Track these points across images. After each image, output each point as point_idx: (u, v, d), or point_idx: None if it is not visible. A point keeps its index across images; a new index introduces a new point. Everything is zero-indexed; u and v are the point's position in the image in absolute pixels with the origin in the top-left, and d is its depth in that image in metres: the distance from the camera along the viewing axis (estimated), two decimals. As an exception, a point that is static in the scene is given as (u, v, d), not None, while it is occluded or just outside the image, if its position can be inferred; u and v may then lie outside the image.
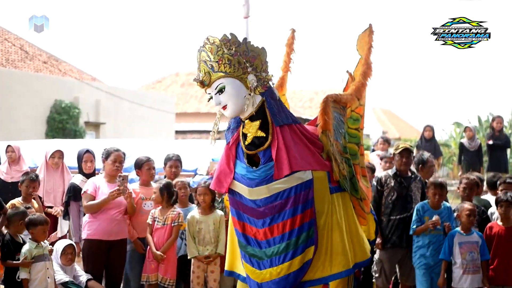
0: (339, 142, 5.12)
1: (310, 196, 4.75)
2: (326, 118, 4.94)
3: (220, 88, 4.71)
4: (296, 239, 4.73)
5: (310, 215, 4.75)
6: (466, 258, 6.57)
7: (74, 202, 7.32)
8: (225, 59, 4.67)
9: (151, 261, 6.86)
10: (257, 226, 4.82)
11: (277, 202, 4.73)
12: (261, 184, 4.73)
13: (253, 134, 4.78)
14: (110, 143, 8.13)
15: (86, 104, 23.61)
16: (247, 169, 4.80)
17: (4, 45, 24.37)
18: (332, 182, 4.89)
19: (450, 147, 27.27)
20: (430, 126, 13.93)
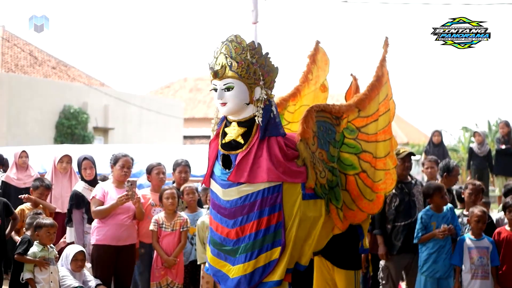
0: (325, 151, 5.32)
1: (278, 200, 4.99)
2: (305, 126, 5.14)
3: (228, 86, 4.96)
4: (262, 240, 4.99)
5: (278, 218, 5.00)
6: (475, 263, 6.55)
7: (77, 210, 7.30)
8: (246, 64, 4.93)
9: (159, 268, 6.86)
10: (229, 226, 5.09)
11: (246, 204, 5.00)
12: (232, 186, 5.03)
13: (234, 137, 5.05)
14: (118, 149, 8.14)
15: (95, 109, 23.70)
16: (221, 171, 5.09)
17: (13, 51, 24.49)
18: (306, 188, 5.08)
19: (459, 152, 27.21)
20: (439, 131, 13.90)
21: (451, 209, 6.90)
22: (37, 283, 6.07)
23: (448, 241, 6.76)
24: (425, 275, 6.77)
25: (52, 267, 6.17)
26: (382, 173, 5.70)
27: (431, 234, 6.72)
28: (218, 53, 5.00)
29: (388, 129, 5.82)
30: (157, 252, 6.88)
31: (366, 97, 5.66)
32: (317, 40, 6.51)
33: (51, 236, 6.25)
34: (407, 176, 7.24)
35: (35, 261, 6.12)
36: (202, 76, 36.64)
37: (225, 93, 4.97)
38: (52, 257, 6.21)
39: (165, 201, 6.88)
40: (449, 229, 6.68)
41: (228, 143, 5.06)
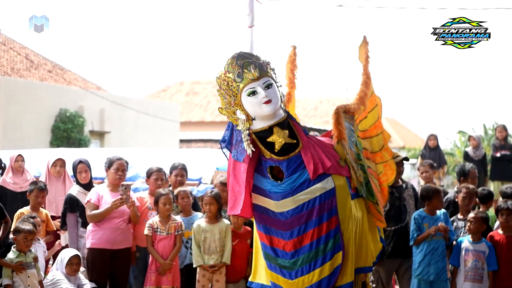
0: (353, 150, 5.29)
1: (334, 204, 4.94)
2: (340, 128, 5.13)
3: (268, 84, 4.87)
4: (324, 246, 4.91)
5: (335, 222, 4.94)
6: (469, 265, 6.58)
7: (71, 214, 7.27)
8: (270, 69, 4.96)
9: (153, 272, 6.85)
10: (285, 238, 4.96)
11: (303, 213, 4.91)
12: (286, 196, 4.90)
13: (284, 141, 4.91)
14: (114, 152, 8.14)
15: (91, 113, 23.67)
16: (272, 183, 4.96)
17: (9, 54, 24.46)
18: (352, 188, 5.09)
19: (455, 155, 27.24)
20: (434, 135, 13.90)
21: (444, 213, 6.92)
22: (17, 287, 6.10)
23: (441, 244, 6.79)
24: (418, 278, 6.80)
25: (30, 271, 6.18)
26: (381, 165, 5.80)
27: (426, 233, 6.75)
28: (241, 65, 4.85)
29: (379, 124, 5.91)
30: (153, 256, 6.87)
31: (365, 95, 5.72)
32: (293, 46, 6.39)
33: (28, 243, 6.23)
34: (398, 180, 7.26)
35: (11, 265, 6.13)
36: (198, 80, 36.65)
37: (268, 90, 4.87)
38: (30, 260, 6.23)
39: (162, 207, 6.88)
40: (445, 229, 6.69)
41: (281, 149, 4.92)
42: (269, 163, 4.98)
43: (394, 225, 7.08)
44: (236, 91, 4.89)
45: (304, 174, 4.92)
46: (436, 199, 6.89)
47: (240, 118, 4.91)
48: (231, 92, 4.91)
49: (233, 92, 4.90)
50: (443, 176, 14.28)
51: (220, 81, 4.92)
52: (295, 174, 4.93)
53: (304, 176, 4.92)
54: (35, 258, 6.32)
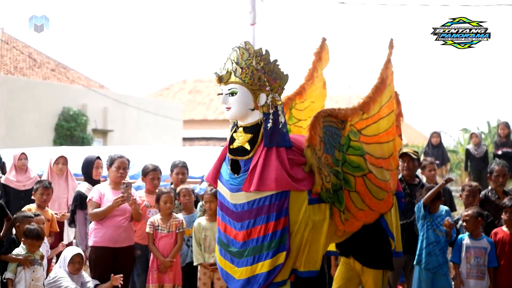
0: (331, 155, 5.39)
1: (284, 206, 5.09)
2: (313, 133, 5.24)
3: (232, 91, 5.08)
4: (268, 244, 5.09)
5: (284, 223, 5.09)
6: (471, 262, 6.58)
7: (81, 211, 7.32)
8: (250, 70, 5.04)
9: (155, 270, 6.86)
10: (236, 228, 5.20)
11: (253, 208, 5.11)
12: (240, 190, 5.13)
13: (241, 144, 5.15)
14: (117, 150, 8.14)
15: (94, 112, 23.68)
16: (230, 175, 5.21)
17: (12, 53, 24.49)
18: (312, 193, 5.18)
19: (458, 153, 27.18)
20: (437, 132, 13.89)
21: (447, 211, 6.92)
22: (18, 282, 6.12)
23: (443, 239, 6.78)
24: (419, 265, 6.79)
25: (36, 267, 6.23)
26: (389, 173, 5.81)
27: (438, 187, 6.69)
28: (227, 59, 5.14)
29: (392, 131, 5.90)
30: (154, 254, 6.89)
31: (371, 100, 5.73)
32: (323, 37, 6.56)
33: (35, 248, 6.28)
34: (412, 177, 7.26)
35: (19, 259, 6.17)
36: (201, 78, 36.64)
37: (229, 97, 5.10)
38: (37, 257, 6.28)
39: (163, 205, 6.89)
40: (449, 225, 6.69)
41: (235, 149, 5.18)
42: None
43: (400, 220, 7.08)
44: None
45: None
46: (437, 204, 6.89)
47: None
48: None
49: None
50: (446, 173, 14.27)
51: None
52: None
53: None
54: (42, 257, 6.36)
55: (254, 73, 5.05)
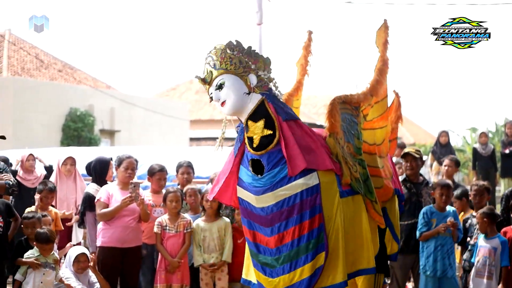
0: (352, 144, 5.05)
1: (317, 201, 4.68)
2: (333, 120, 4.86)
3: (219, 84, 4.73)
4: (305, 245, 4.66)
5: (319, 221, 4.68)
6: (480, 261, 6.56)
7: (90, 212, 7.31)
8: (227, 57, 4.72)
9: (163, 270, 6.86)
10: (267, 234, 4.76)
11: (284, 209, 4.68)
12: (267, 191, 4.70)
13: (260, 134, 4.72)
14: (124, 151, 8.14)
15: (101, 112, 23.74)
16: (252, 177, 4.78)
17: (19, 54, 24.56)
18: (343, 185, 4.82)
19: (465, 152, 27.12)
20: (446, 131, 13.85)
21: (454, 211, 6.91)
22: (26, 283, 6.13)
23: (449, 240, 6.78)
24: (426, 274, 6.78)
25: (47, 270, 6.21)
26: (381, 160, 5.54)
27: (435, 230, 6.72)
28: (204, 67, 4.85)
29: (386, 115, 5.63)
30: (162, 254, 6.88)
31: (378, 83, 5.44)
32: (309, 30, 6.31)
33: (47, 252, 6.28)
34: (416, 176, 7.24)
35: (27, 262, 6.17)
36: (208, 78, 36.53)
37: (220, 92, 4.74)
38: (50, 261, 6.27)
39: (169, 204, 6.89)
40: (453, 225, 6.67)
41: (259, 144, 4.73)
42: (251, 156, 4.80)
43: (408, 220, 7.07)
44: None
45: (285, 168, 4.69)
46: (436, 192, 6.87)
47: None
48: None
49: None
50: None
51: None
52: (276, 168, 4.70)
53: (285, 170, 4.69)
54: (56, 261, 6.35)
55: (232, 58, 4.71)
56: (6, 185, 6.86)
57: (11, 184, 6.93)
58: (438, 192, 6.88)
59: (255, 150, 4.74)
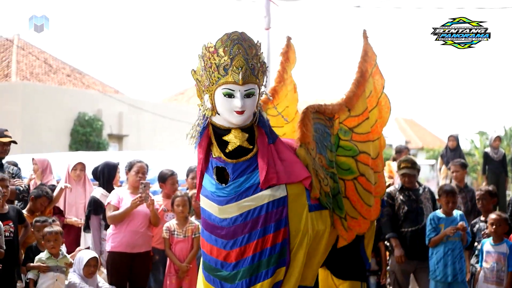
0: (324, 156, 4.85)
1: (283, 215, 4.42)
2: (304, 130, 4.66)
3: (250, 93, 4.34)
4: (267, 260, 4.41)
5: (283, 236, 4.43)
6: (489, 267, 6.53)
7: (95, 216, 7.33)
8: (264, 67, 4.44)
9: (173, 275, 6.86)
10: (227, 247, 4.45)
11: (248, 221, 4.39)
12: (230, 201, 4.40)
13: (239, 143, 4.41)
14: (133, 155, 8.15)
15: (109, 117, 23.78)
16: (216, 186, 4.47)
17: (28, 59, 24.65)
18: (312, 199, 4.57)
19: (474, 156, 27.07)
20: (454, 136, 13.79)
21: (461, 215, 6.90)
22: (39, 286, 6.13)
23: (458, 244, 6.76)
24: (436, 280, 6.75)
25: (59, 275, 6.20)
26: (377, 175, 5.34)
27: (443, 234, 6.70)
28: (231, 52, 4.29)
29: (376, 128, 5.42)
30: (170, 259, 6.88)
31: (354, 94, 5.25)
32: (288, 36, 6.13)
33: (52, 244, 6.21)
34: (415, 183, 7.23)
35: (35, 266, 6.17)
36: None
37: (247, 100, 4.32)
38: (62, 264, 6.25)
39: (176, 208, 6.89)
40: (463, 228, 6.65)
41: (233, 151, 4.42)
42: (216, 163, 4.48)
43: (411, 227, 7.06)
44: (214, 81, 4.36)
45: (251, 178, 4.41)
46: (442, 199, 6.87)
47: (205, 103, 4.48)
48: (208, 75, 4.37)
49: (211, 77, 4.37)
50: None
51: (205, 53, 4.40)
52: (241, 178, 4.41)
53: (251, 180, 4.41)
54: (68, 264, 6.33)
55: (264, 71, 4.45)
56: (17, 191, 6.88)
57: (22, 190, 6.94)
58: (444, 199, 6.88)
59: (226, 156, 4.43)
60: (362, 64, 5.43)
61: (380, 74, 5.58)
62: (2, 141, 7.00)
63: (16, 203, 7.08)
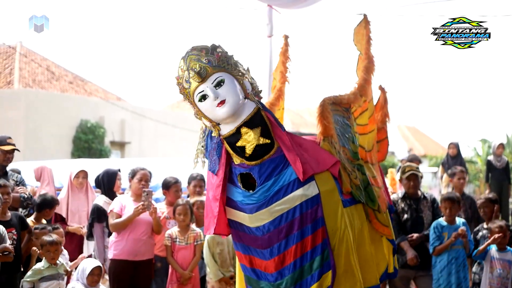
0: (347, 148, 4.59)
1: (319, 214, 4.15)
2: (326, 122, 4.40)
3: (219, 81, 4.08)
4: (309, 265, 4.14)
5: (322, 236, 4.15)
6: (494, 274, 6.52)
7: (98, 224, 7.33)
8: (223, 56, 4.14)
9: (174, 283, 6.84)
10: (265, 257, 4.21)
11: (282, 226, 4.13)
12: (261, 208, 4.13)
13: (255, 143, 4.13)
14: (135, 163, 8.15)
15: (111, 124, 23.81)
16: (243, 194, 4.20)
17: (30, 66, 24.69)
18: (344, 194, 4.33)
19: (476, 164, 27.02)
20: (454, 143, 13.77)
21: (464, 222, 6.89)
22: None
23: (462, 253, 6.75)
24: None
25: (60, 282, 6.17)
26: (374, 167, 5.03)
27: (448, 242, 6.69)
28: (187, 66, 4.12)
29: (373, 119, 5.11)
30: (172, 266, 6.87)
31: (366, 82, 5.00)
32: (285, 35, 6.00)
33: (52, 254, 6.17)
34: (417, 192, 7.21)
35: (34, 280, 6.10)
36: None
37: (219, 89, 4.07)
38: (62, 272, 6.23)
39: (177, 217, 6.89)
40: (463, 234, 6.64)
41: (253, 152, 4.13)
42: (239, 170, 4.21)
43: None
44: (190, 98, 4.19)
45: (280, 180, 4.14)
46: (442, 207, 6.88)
47: (204, 124, 4.29)
48: (187, 98, 4.23)
49: (188, 97, 4.21)
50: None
51: (178, 86, 4.25)
52: (269, 181, 4.13)
53: (280, 182, 4.14)
54: (68, 273, 6.31)
55: (229, 59, 4.17)
56: (21, 198, 6.89)
57: (26, 198, 6.95)
58: (443, 206, 6.91)
59: (248, 160, 4.15)
60: (368, 50, 5.16)
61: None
62: (5, 149, 6.99)
63: (21, 211, 7.08)
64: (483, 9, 6.90)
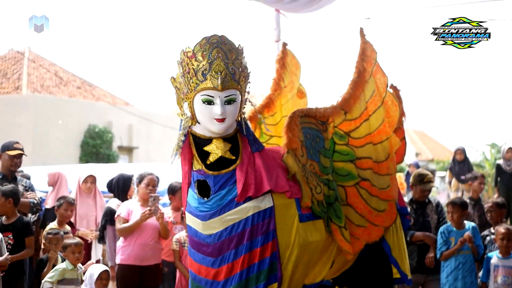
0: (316, 162, 4.55)
1: (271, 227, 4.17)
2: (291, 135, 4.40)
3: (230, 99, 4.09)
4: (256, 276, 4.15)
5: (272, 249, 4.17)
6: (498, 281, 6.48)
7: (111, 226, 7.33)
8: (246, 72, 4.19)
9: (182, 287, 6.84)
10: (215, 266, 4.22)
11: (233, 236, 4.15)
12: (213, 216, 4.17)
13: (221, 154, 4.16)
14: (143, 167, 8.16)
15: (119, 129, 23.86)
16: (198, 200, 4.23)
17: (39, 71, 24.79)
18: (303, 208, 4.31)
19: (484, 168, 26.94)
20: (461, 148, 13.68)
21: (473, 227, 6.85)
22: None
23: (469, 258, 6.73)
24: None
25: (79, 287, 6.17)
26: (388, 178, 4.91)
27: (454, 248, 6.67)
28: (210, 56, 4.05)
29: (383, 129, 4.97)
30: (180, 271, 6.86)
31: (351, 96, 4.89)
32: (283, 43, 5.98)
33: (77, 256, 6.18)
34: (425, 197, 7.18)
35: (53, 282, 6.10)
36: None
37: (227, 106, 4.07)
38: (80, 278, 6.23)
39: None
40: (469, 239, 6.62)
41: (214, 162, 4.17)
42: (197, 176, 4.23)
43: (418, 241, 7.03)
44: (192, 87, 4.10)
45: (233, 190, 4.16)
46: (448, 209, 6.88)
47: (184, 112, 4.22)
48: (187, 81, 4.13)
49: (189, 83, 4.11)
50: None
51: (183, 58, 4.14)
52: (223, 190, 4.16)
53: (234, 192, 4.15)
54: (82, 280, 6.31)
55: (246, 76, 4.19)
56: (31, 203, 6.91)
57: (36, 203, 6.98)
58: (447, 211, 6.91)
59: (207, 168, 4.18)
60: (359, 64, 5.03)
61: (382, 72, 5.14)
62: (11, 154, 7.00)
63: (30, 216, 7.10)
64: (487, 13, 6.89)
